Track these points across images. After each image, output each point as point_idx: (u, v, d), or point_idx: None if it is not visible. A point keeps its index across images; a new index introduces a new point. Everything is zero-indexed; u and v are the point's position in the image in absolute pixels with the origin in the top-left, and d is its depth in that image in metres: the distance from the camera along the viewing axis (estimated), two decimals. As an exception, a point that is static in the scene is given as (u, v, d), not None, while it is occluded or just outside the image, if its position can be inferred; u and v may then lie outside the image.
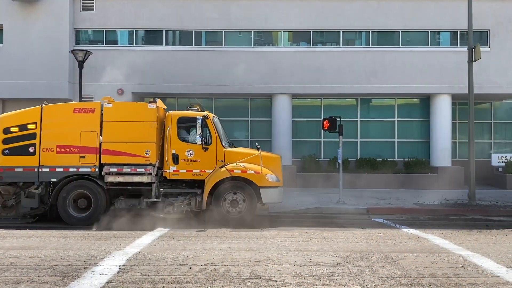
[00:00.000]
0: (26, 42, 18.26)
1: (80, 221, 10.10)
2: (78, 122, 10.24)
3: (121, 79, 18.83)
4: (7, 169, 10.16)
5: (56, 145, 10.19)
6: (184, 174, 10.43)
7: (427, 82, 18.56)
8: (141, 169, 10.14)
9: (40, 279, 5.91)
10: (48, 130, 10.23)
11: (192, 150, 10.42)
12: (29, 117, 10.37)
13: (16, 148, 10.21)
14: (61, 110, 10.57)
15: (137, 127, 10.26)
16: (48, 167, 10.17)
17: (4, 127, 10.32)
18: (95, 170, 10.20)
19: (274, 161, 10.94)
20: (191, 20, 18.97)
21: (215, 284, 5.73)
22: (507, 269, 6.52)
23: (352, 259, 7.06)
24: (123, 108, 10.68)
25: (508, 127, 20.54)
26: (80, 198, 10.25)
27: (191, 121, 10.62)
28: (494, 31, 18.72)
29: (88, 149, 10.19)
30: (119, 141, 10.22)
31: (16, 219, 10.31)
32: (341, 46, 19.15)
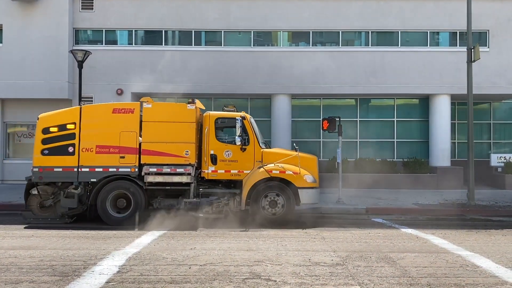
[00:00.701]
0: (25, 42, 18.25)
1: (120, 221, 10.10)
2: (118, 122, 10.24)
3: (120, 79, 18.85)
4: (46, 169, 10.16)
5: (96, 145, 10.19)
6: (222, 174, 10.45)
7: (426, 82, 18.58)
8: (180, 169, 10.16)
9: (40, 279, 5.91)
10: (87, 130, 10.23)
11: (230, 150, 10.44)
12: (68, 117, 10.37)
13: (55, 148, 10.20)
14: (100, 110, 10.61)
15: (176, 127, 10.26)
16: (87, 167, 10.16)
17: (43, 127, 10.31)
18: (135, 170, 10.19)
19: (311, 162, 10.92)
20: (191, 20, 18.97)
21: (214, 284, 5.74)
22: (506, 269, 6.54)
23: (351, 259, 7.08)
24: (162, 109, 10.64)
25: (507, 127, 20.57)
26: (119, 198, 10.26)
27: (229, 121, 10.72)
28: (493, 32, 18.74)
29: (128, 149, 10.19)
30: (158, 142, 10.23)
31: (54, 219, 10.29)
32: (341, 46, 19.17)
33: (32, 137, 19.50)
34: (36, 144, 10.32)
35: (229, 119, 10.72)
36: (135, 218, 10.01)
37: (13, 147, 19.65)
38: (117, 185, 10.22)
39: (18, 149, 19.67)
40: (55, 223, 10.20)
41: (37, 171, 10.18)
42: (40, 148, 10.23)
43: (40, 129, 10.32)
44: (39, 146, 10.25)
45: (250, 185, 10.25)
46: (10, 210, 12.60)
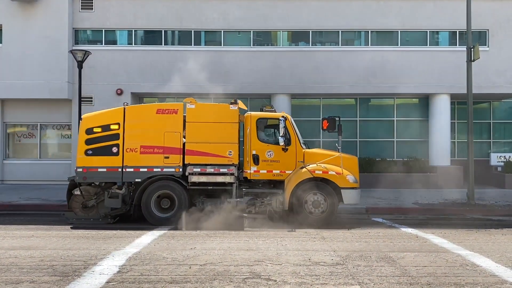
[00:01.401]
0: (25, 42, 18.26)
1: (164, 221, 10.11)
2: (162, 122, 10.26)
3: (120, 79, 18.86)
4: (90, 170, 10.17)
5: (140, 145, 10.20)
6: (265, 174, 10.45)
7: (426, 82, 18.59)
8: (224, 170, 10.20)
9: (40, 279, 5.91)
10: (131, 130, 10.24)
11: (272, 150, 10.44)
12: (112, 117, 10.38)
13: (99, 148, 10.21)
14: (144, 111, 10.64)
15: (219, 128, 10.30)
16: (132, 168, 10.18)
17: (87, 128, 10.31)
18: (179, 170, 10.22)
19: (352, 162, 10.90)
20: (190, 20, 18.98)
21: (214, 283, 5.74)
22: (506, 268, 6.54)
23: (351, 258, 7.08)
24: (205, 109, 10.63)
25: (507, 126, 20.58)
26: (163, 198, 10.28)
27: (270, 122, 10.78)
28: (493, 31, 18.75)
29: (172, 149, 10.22)
30: (202, 142, 10.26)
31: (97, 220, 10.32)
32: (340, 46, 19.17)
33: (31, 137, 19.55)
34: (79, 144, 10.34)
35: (270, 119, 10.77)
36: (179, 218, 10.00)
37: (13, 147, 19.66)
38: (161, 185, 10.25)
39: (18, 149, 19.68)
40: (98, 224, 10.23)
41: (81, 172, 10.19)
42: (84, 149, 10.24)
43: (83, 130, 10.32)
44: (82, 147, 10.26)
45: (293, 185, 10.24)
46: (10, 210, 12.62)
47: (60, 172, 18.93)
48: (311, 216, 10.23)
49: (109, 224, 10.23)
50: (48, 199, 13.82)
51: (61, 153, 19.60)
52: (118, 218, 10.46)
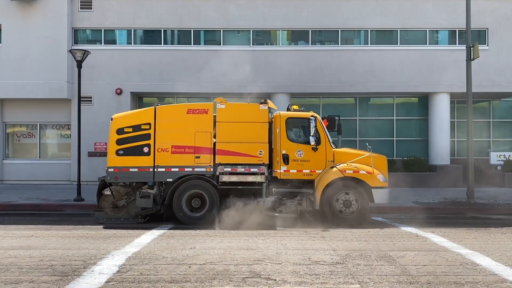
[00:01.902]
0: (24, 42, 18.24)
1: (196, 220, 10.15)
2: (192, 122, 10.28)
3: (119, 78, 18.85)
4: (122, 169, 10.18)
5: (171, 145, 10.23)
6: (295, 174, 10.44)
7: (425, 80, 18.58)
8: (254, 169, 10.22)
9: (40, 278, 5.91)
10: (162, 130, 10.25)
11: (302, 150, 10.45)
12: (142, 117, 10.40)
13: (130, 148, 10.23)
14: (174, 111, 10.65)
15: (249, 127, 10.33)
16: (163, 167, 10.20)
17: (117, 128, 10.31)
18: (210, 170, 10.25)
19: (382, 162, 10.90)
20: (190, 19, 18.96)
21: (214, 283, 5.74)
22: (505, 267, 6.54)
23: (351, 257, 7.08)
24: (235, 109, 10.66)
25: (507, 125, 20.57)
26: (194, 197, 10.30)
27: (300, 121, 10.77)
28: (492, 30, 18.74)
29: (203, 149, 10.25)
30: (232, 142, 10.29)
31: (127, 219, 10.33)
32: (340, 45, 19.16)
33: (31, 137, 19.54)
34: (110, 144, 10.36)
35: (300, 119, 10.77)
36: (210, 217, 10.06)
37: (12, 147, 19.65)
38: (193, 185, 10.26)
39: (18, 149, 19.67)
40: (129, 223, 10.24)
41: (112, 172, 10.20)
42: (115, 149, 10.26)
43: (114, 130, 10.32)
44: (113, 147, 10.28)
45: (324, 184, 10.25)
46: (10, 210, 12.61)
47: (59, 172, 18.95)
48: (341, 216, 10.26)
49: (140, 223, 10.25)
50: (47, 199, 13.81)
51: (60, 153, 19.59)
52: (148, 217, 10.49)
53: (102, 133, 18.68)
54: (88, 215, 11.98)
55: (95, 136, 18.62)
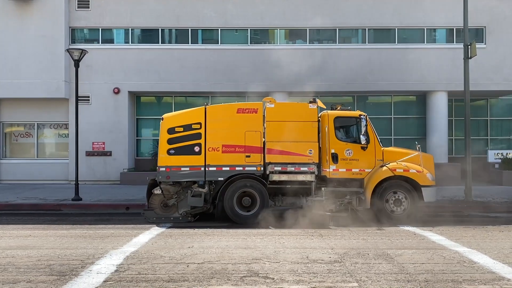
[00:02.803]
0: (21, 41, 18.20)
1: (247, 219, 10.19)
2: (242, 122, 10.34)
3: (117, 77, 18.82)
4: (173, 169, 10.23)
5: (222, 144, 10.27)
6: (344, 173, 10.45)
7: (423, 79, 18.60)
8: (304, 168, 10.26)
9: (37, 278, 5.90)
10: (212, 130, 10.31)
11: (351, 149, 10.47)
12: (193, 117, 10.44)
13: (181, 148, 10.27)
14: (224, 111, 10.66)
15: (299, 127, 10.34)
16: (214, 166, 10.24)
17: (169, 127, 10.35)
18: (260, 169, 10.29)
19: (429, 160, 10.92)
20: (187, 18, 18.94)
21: (212, 282, 5.74)
22: (503, 265, 6.56)
23: (349, 256, 7.08)
24: (284, 108, 10.72)
25: (504, 123, 20.61)
26: (244, 196, 10.33)
27: (348, 120, 10.82)
28: (489, 28, 18.77)
29: (253, 148, 10.29)
30: (282, 141, 10.30)
31: (177, 218, 10.38)
32: (338, 43, 19.18)
33: (29, 137, 19.51)
34: (161, 143, 10.40)
35: (348, 118, 10.81)
36: (260, 216, 10.10)
37: (10, 146, 19.61)
38: (244, 184, 10.30)
39: (15, 149, 19.64)
40: (178, 222, 10.28)
41: (164, 171, 10.24)
42: (166, 148, 10.29)
43: (165, 129, 10.37)
44: (165, 146, 10.31)
45: (374, 183, 10.28)
46: (7, 210, 12.58)
47: (57, 172, 18.93)
48: (392, 215, 10.31)
49: (190, 222, 10.30)
50: (45, 199, 13.78)
51: (58, 152, 19.57)
52: (198, 216, 10.54)
53: (100, 132, 18.72)
54: (86, 214, 12.00)
55: (92, 135, 18.61)
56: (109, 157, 18.73)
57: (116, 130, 18.74)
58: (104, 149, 18.74)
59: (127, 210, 12.54)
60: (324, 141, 10.52)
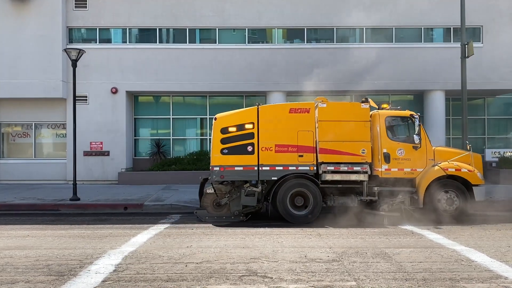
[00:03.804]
0: (18, 41, 18.16)
1: (300, 219, 10.21)
2: (294, 122, 10.35)
3: (115, 77, 18.80)
4: (227, 168, 10.28)
5: (275, 144, 10.30)
6: (396, 172, 10.47)
7: (420, 78, 18.64)
8: (357, 168, 10.27)
9: (36, 278, 5.89)
10: (265, 129, 10.33)
11: (403, 148, 10.49)
12: (246, 117, 10.49)
13: (234, 147, 10.31)
14: (277, 110, 10.66)
15: (351, 126, 10.34)
16: (268, 166, 10.27)
17: (222, 127, 10.39)
18: (313, 169, 10.31)
19: (478, 160, 11.02)
20: (185, 17, 18.93)
21: (211, 281, 5.75)
22: (500, 263, 6.58)
23: (347, 255, 7.10)
24: (336, 108, 10.66)
25: (501, 122, 20.68)
26: (297, 196, 10.35)
27: (398, 120, 10.91)
28: (487, 27, 18.81)
29: (306, 148, 10.31)
30: (334, 140, 10.30)
31: (229, 218, 10.46)
32: (335, 43, 19.19)
33: (26, 137, 19.47)
34: (214, 143, 10.42)
35: (400, 118, 10.88)
36: (313, 215, 10.21)
37: (7, 146, 19.57)
38: (297, 183, 10.31)
39: (13, 149, 19.61)
40: (231, 221, 10.33)
41: (218, 170, 10.29)
42: (220, 148, 10.33)
43: (218, 129, 10.40)
44: (218, 146, 10.35)
45: (427, 183, 10.33)
46: (5, 210, 12.55)
47: (55, 172, 18.91)
48: (444, 214, 10.35)
49: (242, 221, 10.34)
50: (43, 199, 13.76)
51: (56, 152, 19.54)
52: (250, 215, 10.58)
53: (98, 132, 18.70)
54: (84, 214, 11.99)
55: (90, 135, 18.59)
56: (107, 157, 18.72)
57: (114, 130, 18.72)
58: (102, 149, 18.73)
59: (125, 210, 12.54)
60: (375, 141, 10.55)
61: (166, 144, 19.77)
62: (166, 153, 19.61)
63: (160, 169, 18.37)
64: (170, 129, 19.95)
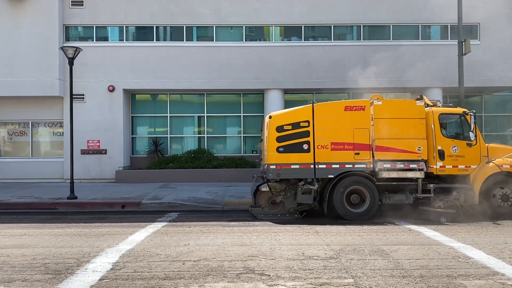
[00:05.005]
0: (15, 39, 18.10)
1: (358, 216, 10.26)
2: (350, 119, 10.37)
3: (112, 75, 18.75)
4: (284, 166, 10.29)
5: (331, 142, 10.32)
6: (450, 169, 10.51)
7: (418, 76, 18.64)
8: (413, 165, 10.31)
9: (33, 277, 5.88)
10: (320, 127, 10.35)
11: (457, 146, 10.53)
12: (301, 115, 10.48)
13: (290, 145, 10.33)
14: (332, 108, 10.65)
15: (407, 123, 10.37)
16: (324, 164, 10.28)
17: (277, 126, 10.41)
18: (370, 167, 10.32)
19: None
20: (182, 15, 18.89)
21: (208, 279, 5.74)
22: (497, 260, 6.60)
23: (344, 252, 7.11)
24: (392, 106, 10.69)
25: (499, 119, 20.72)
26: (353, 193, 10.37)
27: (452, 117, 10.99)
28: (484, 25, 18.83)
29: (362, 146, 10.32)
30: (390, 138, 10.33)
31: (284, 215, 10.56)
32: (333, 40, 19.19)
33: (23, 135, 19.42)
34: (270, 141, 10.41)
35: (453, 115, 10.94)
36: (371, 213, 10.27)
37: (4, 145, 19.51)
38: (354, 181, 10.34)
39: (10, 148, 19.54)
40: (286, 219, 10.38)
41: (274, 168, 10.30)
42: (275, 146, 10.34)
43: (274, 127, 10.41)
44: (274, 144, 10.35)
45: (482, 179, 10.37)
46: (2, 209, 12.52)
47: (52, 170, 18.87)
48: (499, 210, 10.40)
49: (297, 219, 10.39)
50: (40, 197, 13.74)
51: (53, 151, 19.49)
52: (305, 213, 10.61)
53: (95, 130, 18.66)
54: (82, 213, 11.97)
55: (87, 133, 18.55)
56: (104, 155, 18.68)
57: (111, 128, 18.69)
58: (99, 147, 18.69)
59: (123, 208, 12.53)
60: (430, 138, 10.54)
61: (163, 142, 19.75)
62: (164, 151, 19.58)
63: (157, 167, 18.35)
64: (167, 127, 19.92)
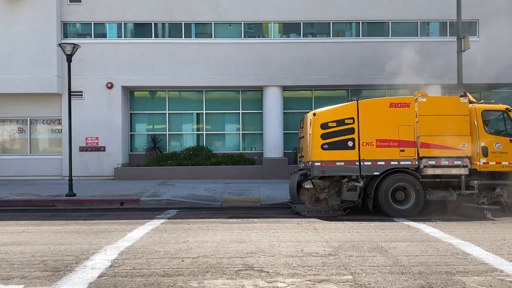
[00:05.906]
0: (12, 36, 18.03)
1: (403, 213, 10.29)
2: (395, 116, 10.41)
3: (110, 72, 18.71)
4: (328, 163, 10.33)
5: (376, 139, 10.34)
6: (494, 166, 10.54)
7: (417, 72, 18.56)
8: (458, 162, 10.38)
9: (31, 274, 5.87)
10: (365, 124, 10.37)
11: (500, 142, 10.57)
12: (345, 112, 10.52)
13: (335, 142, 10.35)
14: (377, 105, 10.68)
15: (451, 120, 10.42)
16: (369, 161, 10.31)
17: (322, 123, 10.43)
18: (415, 163, 10.34)
19: None
20: (180, 12, 18.83)
21: (207, 276, 5.74)
22: (496, 256, 6.61)
23: (343, 249, 7.11)
24: (436, 102, 10.73)
25: (497, 116, 20.71)
26: (397, 190, 10.43)
27: (494, 113, 11.03)
28: (483, 21, 18.81)
29: (407, 142, 10.36)
30: (435, 135, 10.37)
31: (327, 212, 10.58)
32: (331, 37, 19.15)
33: (21, 132, 19.37)
34: (314, 138, 10.43)
35: (496, 112, 10.99)
36: (416, 210, 10.29)
37: (2, 142, 19.46)
38: (400, 178, 10.38)
39: (8, 145, 19.50)
40: (330, 216, 10.41)
41: (319, 165, 10.33)
42: (320, 143, 10.37)
43: (318, 124, 10.43)
44: (318, 141, 10.38)
45: None
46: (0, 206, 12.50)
47: (51, 167, 18.84)
48: None
49: (341, 216, 10.40)
50: (39, 195, 13.71)
51: (51, 148, 19.45)
52: (348, 210, 10.63)
53: (93, 127, 18.63)
54: (80, 210, 11.96)
55: (86, 130, 18.52)
56: (102, 152, 18.65)
57: (109, 125, 18.65)
58: (98, 145, 18.66)
59: (121, 206, 12.52)
60: (473, 135, 10.58)
61: (162, 139, 19.72)
62: (162, 148, 19.56)
63: (156, 164, 18.34)
64: (166, 124, 19.90)
